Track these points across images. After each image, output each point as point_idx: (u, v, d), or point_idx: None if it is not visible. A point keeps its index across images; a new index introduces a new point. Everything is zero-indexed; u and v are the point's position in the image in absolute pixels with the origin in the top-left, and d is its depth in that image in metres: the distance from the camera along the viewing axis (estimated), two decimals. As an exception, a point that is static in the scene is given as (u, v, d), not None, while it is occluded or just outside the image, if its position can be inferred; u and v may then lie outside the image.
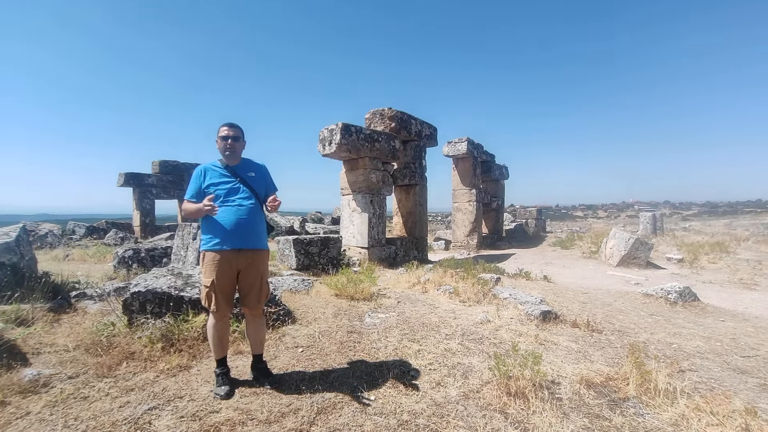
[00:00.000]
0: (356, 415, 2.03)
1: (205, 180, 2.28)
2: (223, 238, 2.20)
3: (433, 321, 3.65)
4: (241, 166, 2.37)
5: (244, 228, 2.23)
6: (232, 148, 2.30)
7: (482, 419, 2.01)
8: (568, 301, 4.85)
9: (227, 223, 2.20)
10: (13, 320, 3.09)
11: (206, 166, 2.33)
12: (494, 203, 14.43)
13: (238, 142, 2.33)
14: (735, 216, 28.60)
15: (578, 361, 2.81)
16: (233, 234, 2.20)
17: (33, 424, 1.91)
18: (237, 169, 2.34)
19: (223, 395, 2.17)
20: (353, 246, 7.75)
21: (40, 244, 9.66)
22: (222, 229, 2.20)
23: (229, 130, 2.30)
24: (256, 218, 2.30)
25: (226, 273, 2.21)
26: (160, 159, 15.00)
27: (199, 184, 2.28)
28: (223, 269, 2.20)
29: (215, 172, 2.30)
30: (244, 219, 2.23)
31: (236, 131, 2.32)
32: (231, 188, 2.27)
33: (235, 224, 2.21)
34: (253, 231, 2.27)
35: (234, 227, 2.20)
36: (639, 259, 8.48)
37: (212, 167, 2.32)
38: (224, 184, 2.27)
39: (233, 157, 2.34)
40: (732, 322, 4.15)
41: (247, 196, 2.29)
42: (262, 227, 2.36)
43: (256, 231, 2.30)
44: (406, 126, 8.59)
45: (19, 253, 4.28)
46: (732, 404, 2.09)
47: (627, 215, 37.46)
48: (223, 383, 2.25)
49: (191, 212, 2.24)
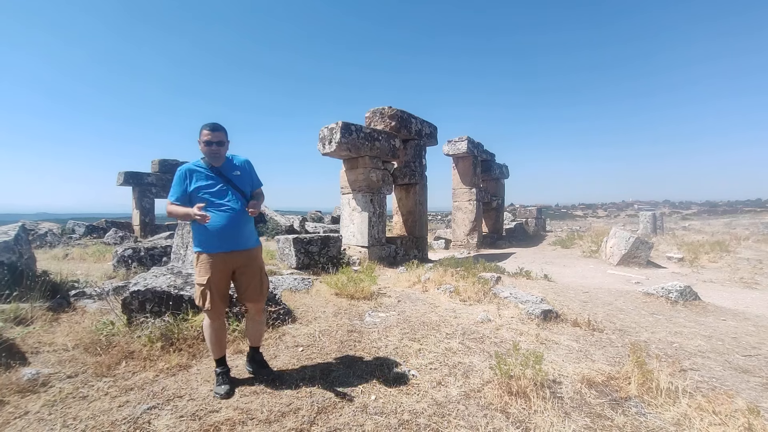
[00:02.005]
0: (357, 414, 2.02)
1: (192, 182, 2.22)
2: (214, 242, 2.19)
3: (433, 320, 3.64)
4: (226, 166, 2.32)
5: (234, 231, 2.22)
6: (216, 152, 2.25)
7: (483, 419, 2.00)
8: (569, 300, 4.84)
9: (217, 227, 2.18)
10: (12, 319, 3.08)
11: (190, 166, 2.26)
12: (494, 202, 14.42)
13: (223, 147, 2.27)
14: (735, 215, 28.60)
15: (579, 361, 2.80)
16: (224, 238, 2.20)
17: (32, 423, 1.90)
18: (222, 170, 2.29)
19: (222, 394, 2.16)
20: (353, 245, 7.74)
21: (40, 243, 9.64)
22: (212, 234, 2.18)
23: (213, 135, 2.21)
24: (246, 219, 2.30)
25: (220, 272, 2.22)
26: (159, 158, 14.93)
27: (184, 186, 2.22)
28: (217, 268, 2.21)
29: (201, 174, 2.24)
30: (234, 223, 2.22)
31: (220, 135, 2.23)
32: (218, 191, 2.23)
33: (225, 228, 2.19)
34: (243, 232, 2.28)
35: (224, 231, 2.19)
36: (639, 258, 8.47)
37: (197, 168, 2.26)
38: (212, 186, 2.23)
39: (218, 159, 2.28)
40: (733, 321, 4.14)
41: (235, 199, 2.26)
42: (251, 226, 2.38)
43: (246, 231, 2.31)
44: (406, 125, 8.57)
45: (17, 252, 4.26)
46: (734, 403, 2.08)
47: (627, 214, 37.45)
48: (223, 382, 2.24)
49: (178, 215, 2.21)
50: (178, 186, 2.23)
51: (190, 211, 2.11)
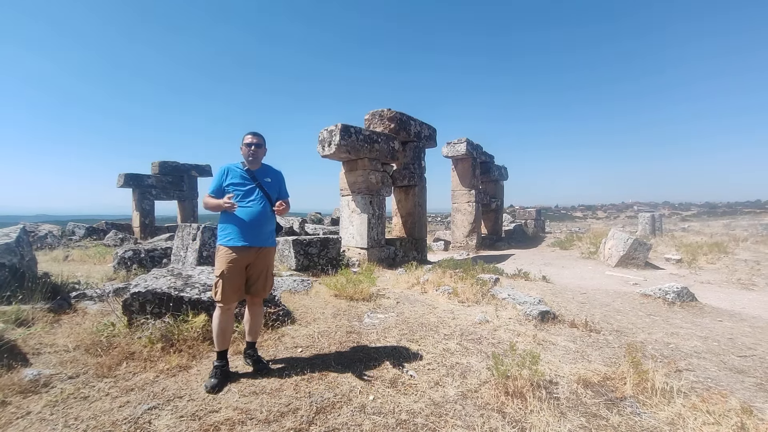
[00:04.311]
0: (355, 414, 2.04)
1: (227, 179, 2.49)
2: (236, 236, 2.41)
3: (431, 321, 3.66)
4: (261, 171, 2.59)
5: (255, 228, 2.44)
6: (254, 154, 2.53)
7: (480, 418, 2.03)
8: (567, 301, 4.86)
9: (241, 222, 2.41)
10: (14, 321, 3.10)
11: (230, 166, 2.54)
12: (493, 204, 14.45)
13: (260, 149, 2.55)
14: (734, 216, 28.64)
15: (576, 361, 2.83)
16: (246, 233, 2.41)
17: (34, 423, 1.92)
18: (256, 174, 2.55)
19: (208, 388, 2.24)
20: (353, 247, 7.76)
21: (40, 245, 9.66)
22: (236, 228, 2.41)
23: (253, 138, 2.52)
24: (266, 220, 2.51)
25: (236, 266, 2.40)
26: (159, 160, 14.91)
27: (220, 181, 2.49)
28: (234, 262, 2.39)
29: (236, 173, 2.51)
30: (256, 220, 2.44)
31: (259, 139, 2.54)
32: (248, 190, 2.49)
33: (248, 224, 2.42)
34: (262, 231, 2.49)
35: (246, 227, 2.41)
36: (638, 260, 8.50)
37: (234, 168, 2.53)
38: (242, 185, 2.49)
39: (255, 162, 2.55)
40: (729, 322, 4.17)
41: (261, 199, 2.50)
42: (271, 227, 2.59)
43: (266, 231, 2.52)
44: (406, 127, 8.61)
45: (19, 254, 4.28)
46: (728, 403, 2.10)
47: (626, 216, 37.50)
48: (214, 376, 2.32)
49: (211, 206, 2.47)
50: (216, 180, 2.51)
51: (220, 202, 2.39)
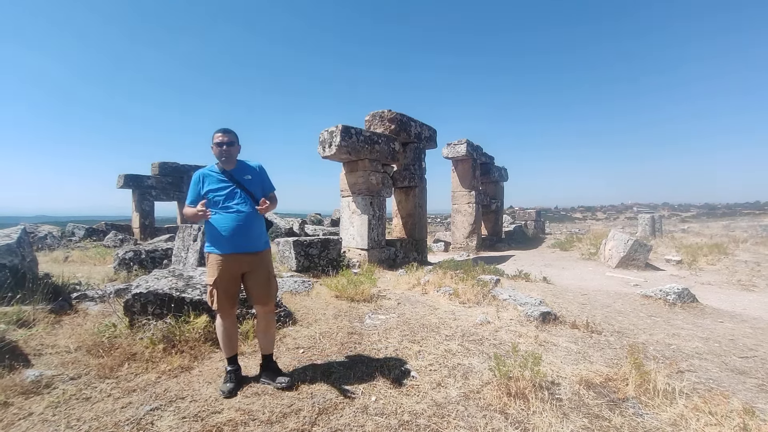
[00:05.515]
0: (357, 415, 2.04)
1: (204, 186, 2.34)
2: (223, 243, 2.28)
3: (433, 322, 3.66)
4: (238, 169, 2.41)
5: (242, 233, 2.29)
6: (227, 153, 2.34)
7: (483, 419, 2.03)
8: (568, 302, 4.87)
9: (226, 228, 2.26)
10: (15, 322, 3.09)
11: (204, 171, 2.38)
12: (493, 205, 14.46)
13: (233, 147, 2.36)
14: (733, 218, 28.68)
15: (578, 362, 2.82)
16: (233, 239, 2.27)
17: (36, 424, 1.92)
18: (234, 173, 2.38)
19: (225, 393, 2.22)
20: (353, 248, 7.76)
21: (40, 245, 9.64)
22: (221, 235, 2.27)
23: (223, 136, 2.32)
24: (253, 222, 2.35)
25: (228, 273, 2.29)
26: (159, 161, 14.89)
27: (198, 190, 2.35)
28: (225, 269, 2.28)
29: (213, 178, 2.35)
30: (242, 224, 2.29)
31: (230, 137, 2.34)
32: (228, 193, 2.32)
33: (234, 230, 2.27)
34: (251, 234, 2.34)
35: (233, 233, 2.27)
36: (638, 261, 8.51)
37: (210, 173, 2.37)
38: (222, 189, 2.32)
39: (229, 162, 2.37)
40: (730, 323, 4.17)
41: (244, 201, 2.33)
42: (261, 229, 2.43)
43: (255, 234, 2.36)
44: (406, 128, 8.62)
45: (20, 255, 4.28)
46: (730, 404, 2.10)
47: (626, 217, 37.53)
48: (229, 380, 2.30)
49: (189, 216, 2.31)
50: (193, 190, 2.36)
51: (195, 210, 2.21)
